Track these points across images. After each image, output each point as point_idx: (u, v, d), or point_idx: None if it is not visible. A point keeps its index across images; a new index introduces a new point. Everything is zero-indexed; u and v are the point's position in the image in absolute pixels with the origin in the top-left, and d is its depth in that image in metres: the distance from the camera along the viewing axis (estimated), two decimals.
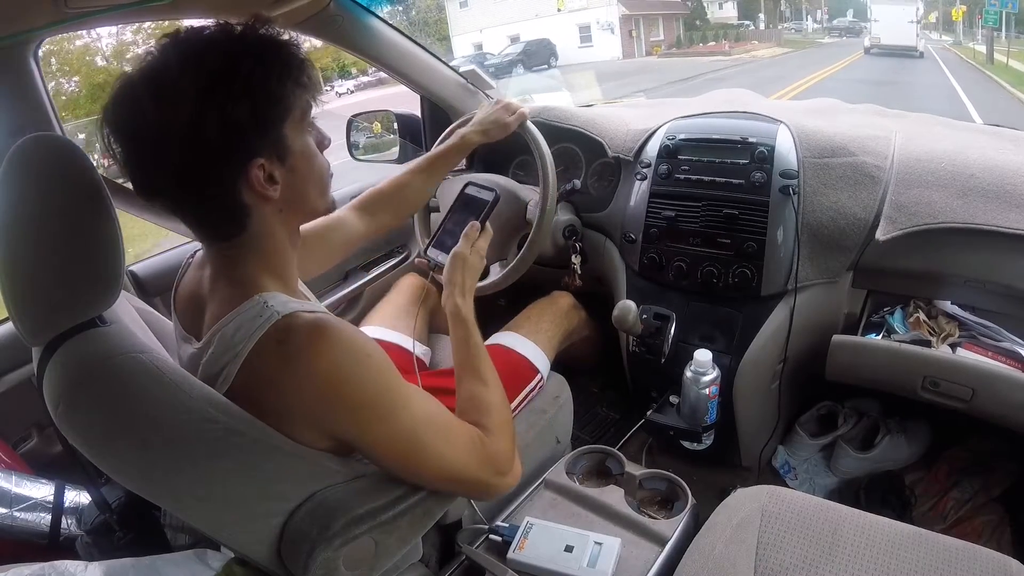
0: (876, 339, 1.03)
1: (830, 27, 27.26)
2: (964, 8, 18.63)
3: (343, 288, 1.46)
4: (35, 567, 0.61)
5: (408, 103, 1.67)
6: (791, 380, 1.19)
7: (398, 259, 1.57)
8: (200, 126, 0.54)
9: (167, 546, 0.74)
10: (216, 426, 0.56)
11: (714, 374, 1.04)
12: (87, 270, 0.59)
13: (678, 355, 1.15)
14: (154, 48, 0.56)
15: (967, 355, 0.98)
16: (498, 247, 1.14)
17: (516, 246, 1.20)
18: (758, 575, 0.74)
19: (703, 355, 1.04)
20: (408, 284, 1.37)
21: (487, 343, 0.93)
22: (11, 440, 1.03)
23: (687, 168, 1.19)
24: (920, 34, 18.33)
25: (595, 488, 1.03)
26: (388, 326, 1.23)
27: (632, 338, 1.22)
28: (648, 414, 1.15)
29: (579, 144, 1.41)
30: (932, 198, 1.00)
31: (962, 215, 0.96)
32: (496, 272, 1.18)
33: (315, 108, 0.64)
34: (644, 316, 1.15)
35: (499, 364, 0.84)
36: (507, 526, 0.94)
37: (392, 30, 1.37)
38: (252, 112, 0.56)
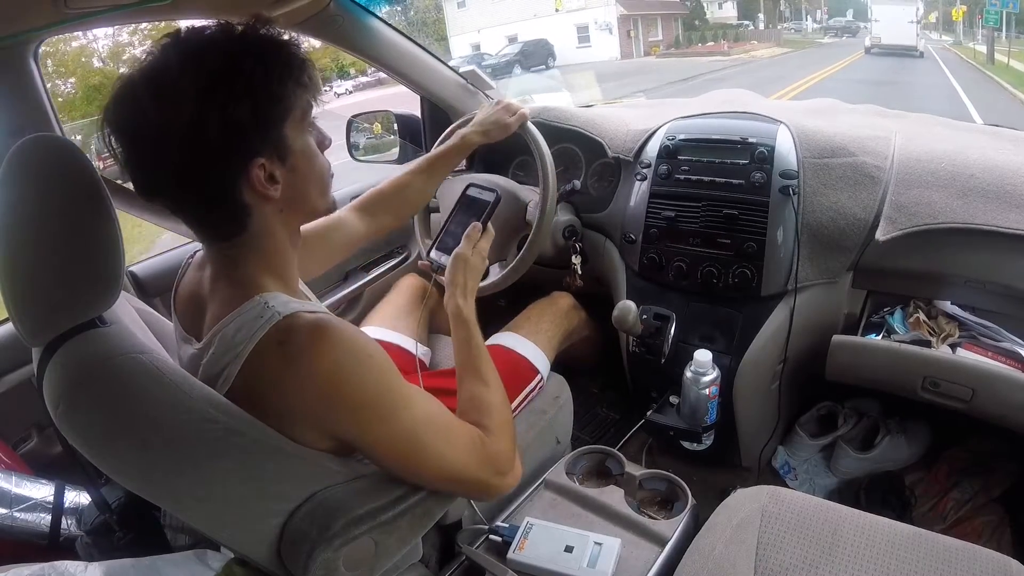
0: (876, 339, 1.03)
1: (827, 27, 27.50)
2: (964, 8, 18.63)
3: (343, 288, 1.46)
4: (35, 567, 0.61)
5: (407, 103, 1.67)
6: (791, 380, 1.19)
7: (398, 259, 1.57)
8: (201, 126, 0.54)
9: (167, 546, 0.74)
10: (216, 426, 0.56)
11: (714, 374, 1.04)
12: (87, 270, 0.59)
13: (678, 355, 1.15)
14: (155, 48, 0.56)
15: (967, 355, 0.98)
16: (498, 248, 1.14)
17: (516, 247, 1.20)
18: (758, 575, 0.74)
19: (703, 355, 1.04)
20: (408, 284, 1.37)
21: (487, 343, 0.93)
22: (11, 440, 1.03)
23: (687, 168, 1.19)
24: (920, 34, 18.36)
25: (595, 488, 1.03)
26: (388, 326, 1.23)
27: (632, 338, 1.22)
28: (648, 414, 1.15)
29: (579, 144, 1.41)
30: (932, 198, 1.00)
31: (962, 215, 0.96)
32: (496, 273, 1.18)
33: (315, 108, 0.64)
34: (644, 316, 1.15)
35: (499, 364, 0.84)
36: (507, 526, 0.94)
37: (392, 30, 1.37)
38: (253, 112, 0.56)
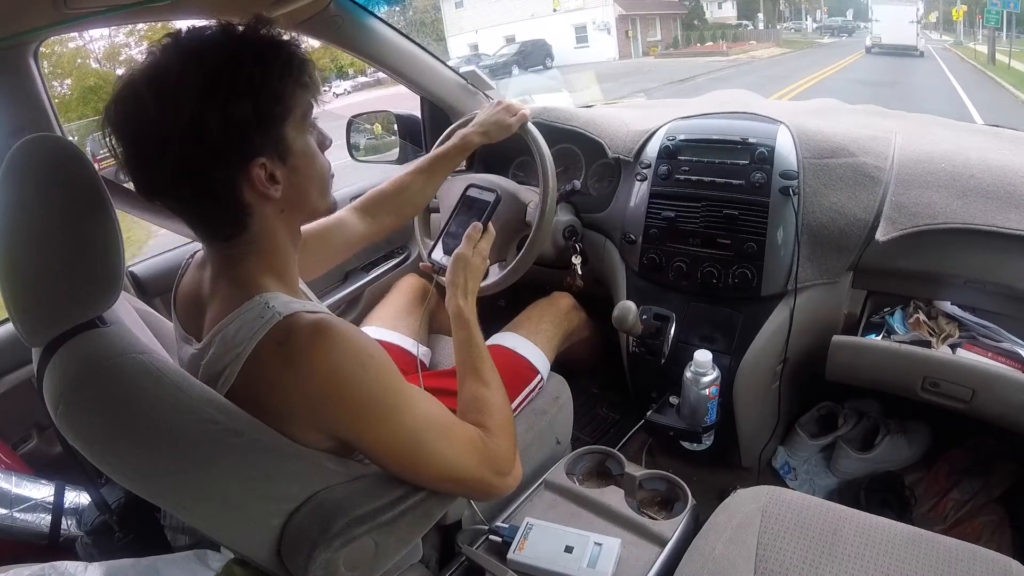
0: (876, 339, 1.03)
1: (823, 27, 27.84)
2: (965, 8, 18.61)
3: (343, 289, 1.46)
4: (35, 568, 0.61)
5: (406, 103, 1.67)
6: (791, 380, 1.19)
7: (398, 260, 1.57)
8: (202, 125, 0.54)
9: (167, 547, 0.74)
10: (216, 427, 0.56)
11: (714, 375, 1.04)
12: (87, 271, 0.59)
13: (678, 356, 1.15)
14: (155, 48, 0.56)
15: (967, 355, 0.98)
16: (498, 248, 1.14)
17: (516, 247, 1.20)
18: (758, 575, 0.74)
19: (703, 356, 1.04)
20: (408, 285, 1.37)
21: (487, 343, 0.93)
22: (11, 441, 1.03)
23: (687, 169, 1.19)
24: (920, 34, 18.40)
25: (595, 489, 1.03)
26: (388, 327, 1.23)
27: (632, 339, 1.22)
28: (648, 415, 1.15)
29: (579, 145, 1.41)
30: (932, 199, 1.00)
31: (962, 215, 0.96)
32: (496, 273, 1.18)
33: (316, 108, 0.64)
34: (644, 317, 1.15)
35: (499, 364, 0.84)
36: (507, 527, 0.94)
37: (392, 31, 1.37)
38: (254, 111, 0.56)
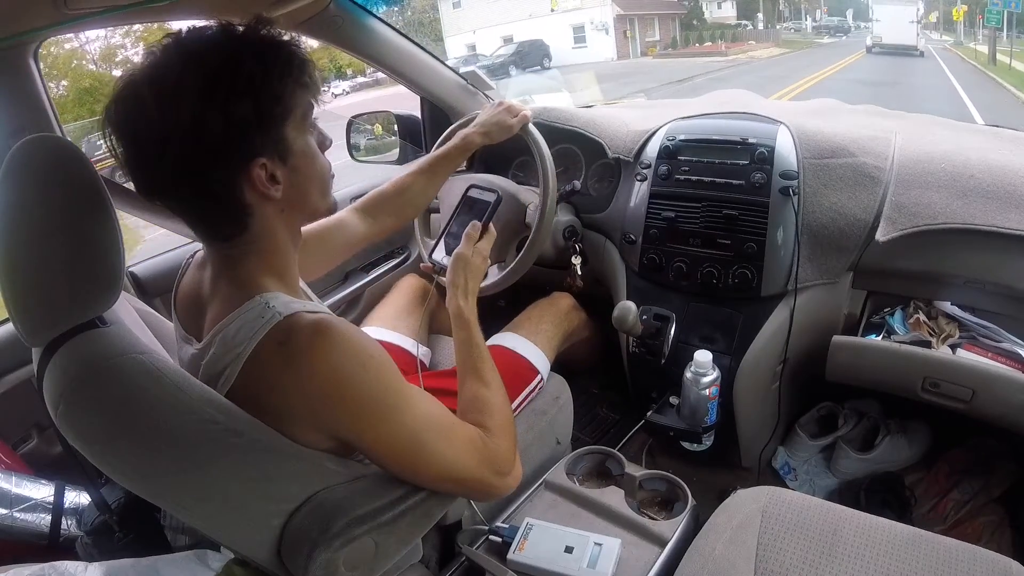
0: (876, 340, 1.03)
1: (820, 26, 28.16)
2: (965, 8, 18.60)
3: (343, 289, 1.46)
4: (35, 568, 0.61)
5: (405, 104, 1.67)
6: (791, 381, 1.19)
7: (398, 260, 1.57)
8: (202, 125, 0.54)
9: (167, 547, 0.74)
10: (216, 427, 0.56)
11: (714, 375, 1.04)
12: (87, 271, 0.59)
13: (678, 356, 1.15)
14: (156, 48, 0.56)
15: (967, 356, 0.98)
16: (497, 249, 1.14)
17: (515, 248, 1.20)
18: (758, 575, 0.75)
19: (703, 356, 1.04)
20: (408, 285, 1.36)
21: (487, 344, 0.93)
22: (11, 441, 1.03)
23: (687, 169, 1.19)
24: (920, 34, 18.44)
25: (595, 489, 1.03)
26: (388, 327, 1.23)
27: (632, 339, 1.22)
28: (648, 415, 1.15)
29: (579, 145, 1.41)
30: (932, 199, 1.00)
31: (962, 216, 0.96)
32: (495, 273, 1.18)
33: (316, 108, 0.64)
34: (644, 317, 1.15)
35: (499, 365, 0.84)
36: (507, 527, 0.94)
37: (392, 31, 1.37)
38: (254, 111, 0.56)
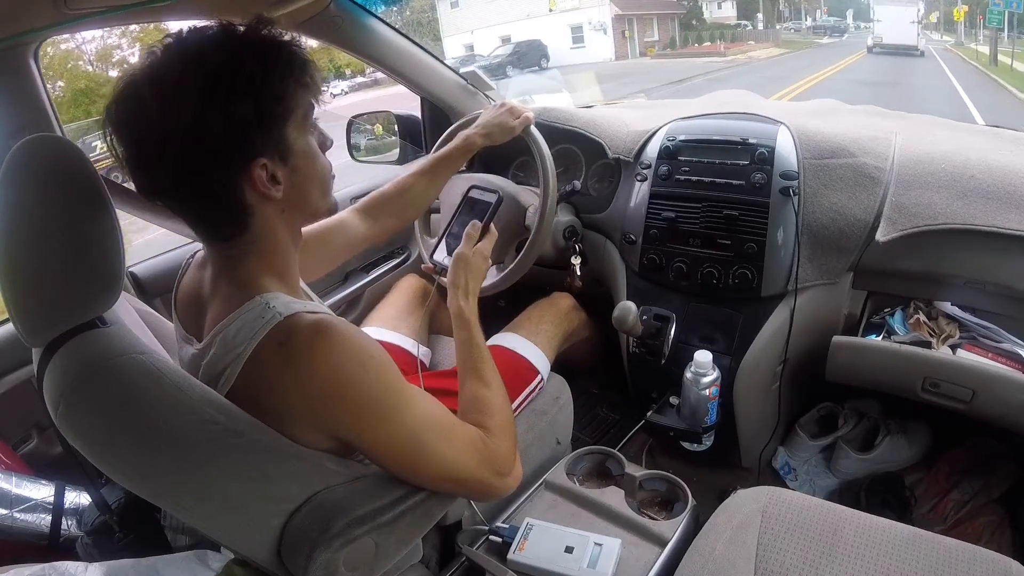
0: (876, 340, 1.03)
1: (815, 26, 28.40)
2: (966, 8, 18.60)
3: (343, 289, 1.46)
4: (35, 568, 0.61)
5: (404, 103, 1.67)
6: (791, 381, 1.19)
7: (399, 260, 1.57)
8: (203, 125, 0.54)
9: (167, 547, 0.74)
10: (216, 427, 0.56)
11: (714, 375, 1.04)
12: (87, 271, 0.59)
13: (678, 356, 1.15)
14: (157, 48, 0.56)
15: (967, 356, 0.98)
16: (496, 250, 1.14)
17: (514, 250, 1.19)
18: (758, 575, 0.75)
19: (703, 356, 1.04)
20: (408, 285, 1.36)
21: (487, 344, 0.93)
22: (11, 441, 1.03)
23: (687, 169, 1.19)
24: (921, 34, 18.49)
25: (595, 489, 1.03)
26: (389, 327, 1.23)
27: (632, 339, 1.22)
28: (648, 415, 1.15)
29: (579, 145, 1.41)
30: (932, 199, 1.00)
31: (962, 216, 0.96)
32: (494, 274, 1.18)
33: (317, 108, 0.64)
34: (644, 317, 1.15)
35: (499, 365, 0.84)
36: (507, 527, 0.94)
37: (392, 31, 1.37)
38: (255, 111, 0.56)
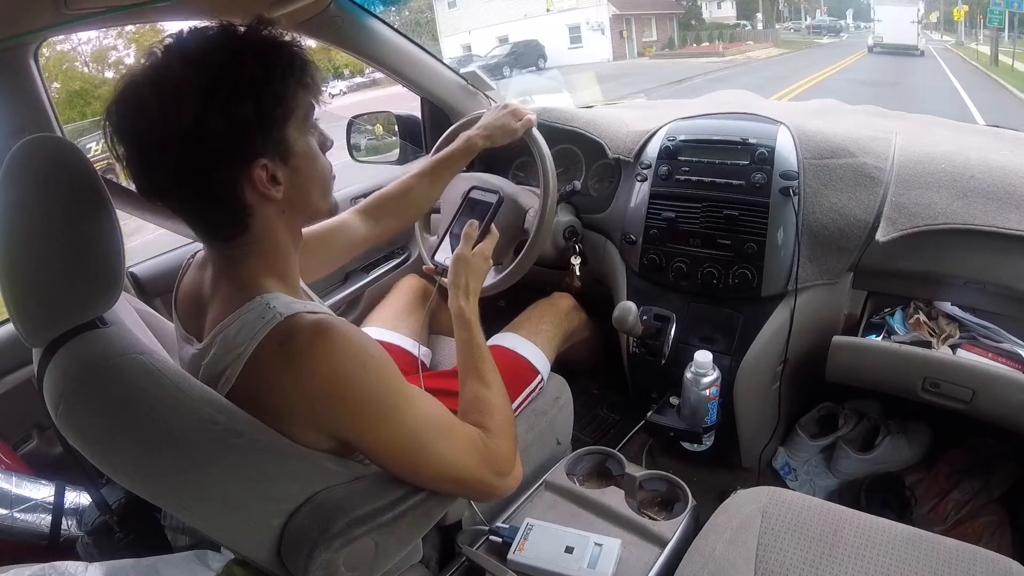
0: (876, 340, 1.03)
1: (811, 26, 28.70)
2: (966, 8, 18.59)
3: (344, 289, 1.46)
4: (35, 568, 0.61)
5: (403, 103, 1.67)
6: (791, 381, 1.19)
7: (399, 260, 1.57)
8: (204, 125, 0.54)
9: (167, 547, 0.74)
10: (216, 427, 0.56)
11: (714, 375, 1.04)
12: (87, 271, 0.59)
13: (678, 356, 1.15)
14: (157, 49, 0.57)
15: (967, 356, 0.98)
16: (496, 251, 1.14)
17: (513, 252, 1.19)
18: None
19: (703, 356, 1.04)
20: (408, 285, 1.36)
21: (487, 344, 0.93)
22: (11, 441, 1.03)
23: (687, 169, 1.19)
24: (921, 33, 18.54)
25: (595, 489, 1.03)
26: (389, 327, 1.23)
27: (632, 339, 1.22)
28: (648, 415, 1.15)
29: (579, 145, 1.41)
30: (932, 199, 1.00)
31: (962, 216, 0.96)
32: (492, 275, 1.18)
33: (317, 109, 0.64)
34: (644, 317, 1.15)
35: (499, 365, 0.84)
36: (507, 527, 0.94)
37: (392, 31, 1.37)
38: (256, 112, 0.56)
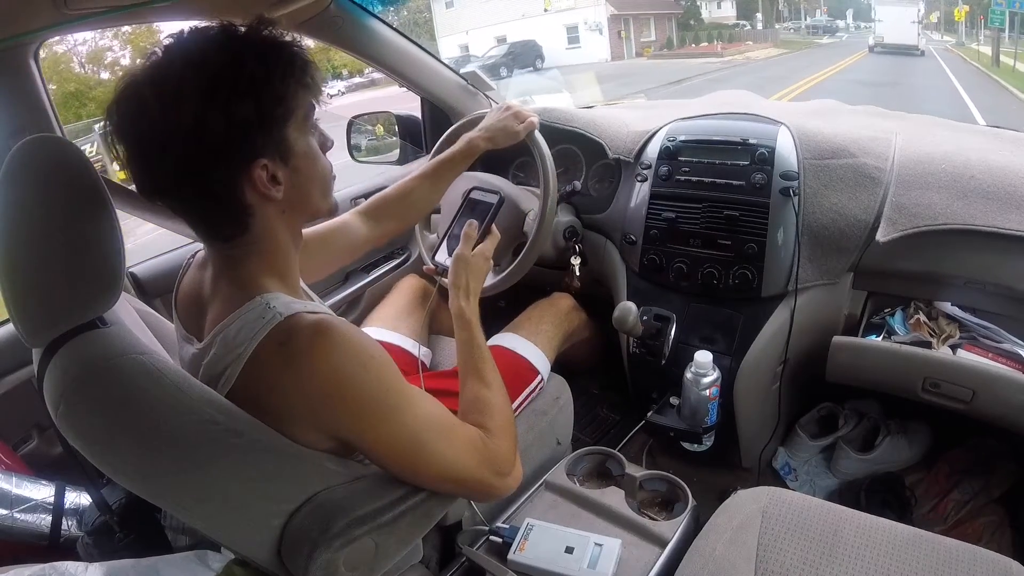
0: (876, 340, 1.03)
1: (808, 26, 29.04)
2: (967, 8, 18.59)
3: (344, 290, 1.46)
4: (35, 568, 0.61)
5: (403, 103, 1.67)
6: (791, 381, 1.19)
7: (399, 260, 1.57)
8: (205, 125, 0.54)
9: (168, 547, 0.74)
10: (217, 427, 0.56)
11: (714, 375, 1.04)
12: (87, 271, 0.59)
13: (678, 356, 1.15)
14: (158, 48, 0.57)
15: (967, 356, 0.98)
16: (496, 252, 1.14)
17: (512, 253, 1.19)
18: None
19: (703, 356, 1.04)
20: (408, 285, 1.36)
21: (487, 344, 0.93)
22: (11, 441, 1.03)
23: (687, 169, 1.19)
24: (921, 34, 18.57)
25: (595, 489, 1.03)
26: (389, 327, 1.23)
27: (632, 339, 1.22)
28: (648, 415, 1.15)
29: (579, 145, 1.41)
30: (932, 199, 1.00)
31: (962, 216, 0.96)
32: (492, 275, 1.18)
33: (317, 109, 0.64)
34: (644, 317, 1.14)
35: (499, 365, 0.84)
36: (507, 527, 0.94)
37: (392, 31, 1.37)
38: (256, 112, 0.56)
